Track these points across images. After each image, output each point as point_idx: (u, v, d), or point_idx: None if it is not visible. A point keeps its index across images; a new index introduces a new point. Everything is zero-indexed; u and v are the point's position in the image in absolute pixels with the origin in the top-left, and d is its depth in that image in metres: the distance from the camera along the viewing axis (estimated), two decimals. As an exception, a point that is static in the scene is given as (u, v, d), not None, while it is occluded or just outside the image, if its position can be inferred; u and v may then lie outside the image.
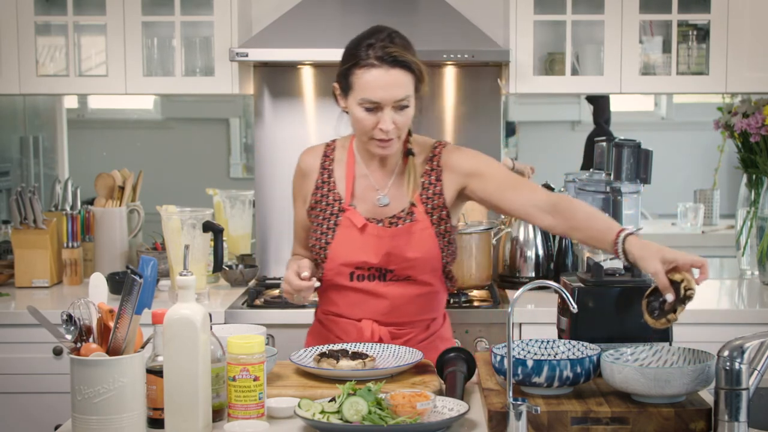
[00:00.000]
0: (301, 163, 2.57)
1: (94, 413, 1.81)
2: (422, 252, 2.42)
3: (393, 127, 2.33)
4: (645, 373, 1.86)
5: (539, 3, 3.48)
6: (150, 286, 1.86)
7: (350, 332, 2.47)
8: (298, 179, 2.57)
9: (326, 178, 2.50)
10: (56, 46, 3.77)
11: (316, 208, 2.50)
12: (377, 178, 2.48)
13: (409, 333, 2.47)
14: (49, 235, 3.57)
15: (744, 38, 3.47)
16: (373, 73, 2.31)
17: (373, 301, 2.44)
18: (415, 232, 2.42)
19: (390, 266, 2.42)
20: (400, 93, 2.33)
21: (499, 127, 3.82)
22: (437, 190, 2.45)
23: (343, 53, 2.41)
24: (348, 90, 2.37)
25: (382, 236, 2.41)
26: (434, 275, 2.47)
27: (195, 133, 6.66)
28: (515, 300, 1.82)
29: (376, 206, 2.46)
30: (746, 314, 3.22)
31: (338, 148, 2.54)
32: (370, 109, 2.33)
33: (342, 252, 2.43)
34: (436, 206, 2.45)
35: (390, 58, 2.32)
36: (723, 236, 5.25)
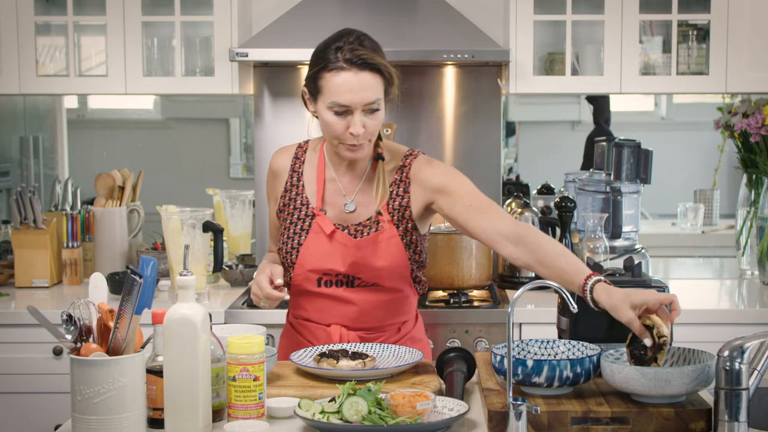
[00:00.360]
0: (273, 163, 2.55)
1: (94, 413, 1.81)
2: (389, 261, 2.40)
3: (363, 130, 2.31)
4: (645, 373, 1.86)
5: (539, 3, 3.48)
6: (150, 286, 1.86)
7: (320, 337, 2.46)
8: (270, 179, 2.56)
9: (295, 181, 2.49)
10: (56, 46, 3.77)
11: (284, 211, 2.49)
12: (345, 183, 2.46)
13: (379, 337, 2.47)
14: (49, 235, 3.57)
15: (744, 38, 3.47)
16: (343, 76, 2.29)
17: (341, 306, 2.43)
18: (381, 242, 2.40)
19: (358, 274, 2.41)
20: (369, 96, 2.30)
21: (499, 127, 3.82)
22: (404, 202, 2.42)
23: (311, 57, 2.39)
24: (317, 94, 2.35)
25: (348, 245, 2.40)
26: (402, 281, 2.45)
27: (195, 133, 6.66)
28: (515, 300, 1.82)
29: (342, 212, 2.44)
30: (746, 314, 3.22)
31: (309, 150, 2.52)
32: (340, 113, 2.31)
33: (311, 258, 2.42)
34: (402, 217, 2.42)
35: (359, 61, 2.29)
36: (723, 236, 5.26)
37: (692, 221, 5.48)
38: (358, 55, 2.29)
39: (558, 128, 6.59)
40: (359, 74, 2.29)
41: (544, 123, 6.55)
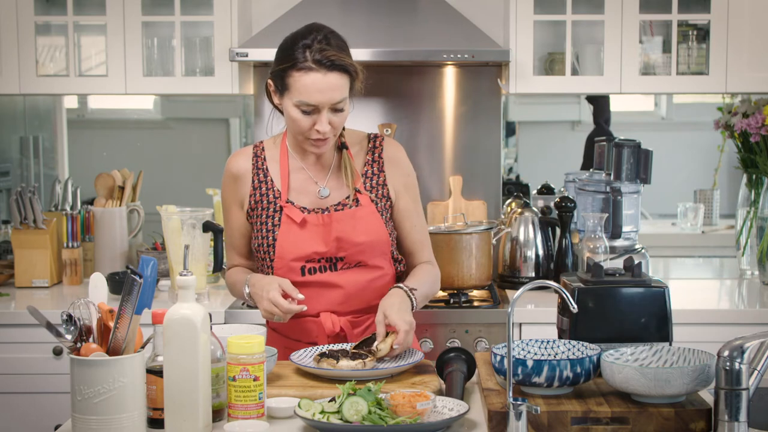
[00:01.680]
0: (232, 168, 2.53)
1: (94, 413, 1.81)
2: (370, 235, 2.43)
3: (329, 128, 2.35)
4: (645, 373, 1.86)
5: (539, 3, 3.48)
6: (150, 286, 1.86)
7: (310, 330, 2.45)
8: (230, 185, 2.53)
9: (263, 178, 2.49)
10: (56, 46, 3.77)
11: (256, 209, 2.49)
12: (315, 171, 2.49)
13: (367, 319, 2.48)
14: (49, 235, 3.57)
15: (744, 38, 3.47)
16: (311, 76, 2.31)
17: (328, 292, 2.44)
18: (361, 217, 2.43)
19: (340, 253, 2.42)
20: (337, 96, 2.33)
21: (499, 127, 3.82)
22: (380, 180, 2.49)
23: (278, 51, 2.41)
24: (284, 90, 2.37)
25: (326, 223, 2.42)
26: (384, 258, 2.48)
27: (195, 133, 6.66)
28: (515, 300, 1.82)
29: (317, 198, 2.47)
30: (746, 314, 3.22)
31: (268, 148, 2.54)
32: (307, 111, 2.34)
33: (288, 248, 2.43)
34: (381, 196, 2.48)
35: (328, 62, 2.31)
36: (723, 236, 5.26)
37: (692, 221, 5.47)
38: (327, 56, 2.32)
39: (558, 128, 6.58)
40: (327, 75, 2.32)
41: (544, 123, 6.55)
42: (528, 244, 3.51)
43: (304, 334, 2.47)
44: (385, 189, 2.49)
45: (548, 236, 3.54)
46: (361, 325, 2.48)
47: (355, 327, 2.47)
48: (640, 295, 2.15)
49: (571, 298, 1.96)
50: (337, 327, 2.43)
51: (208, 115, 6.61)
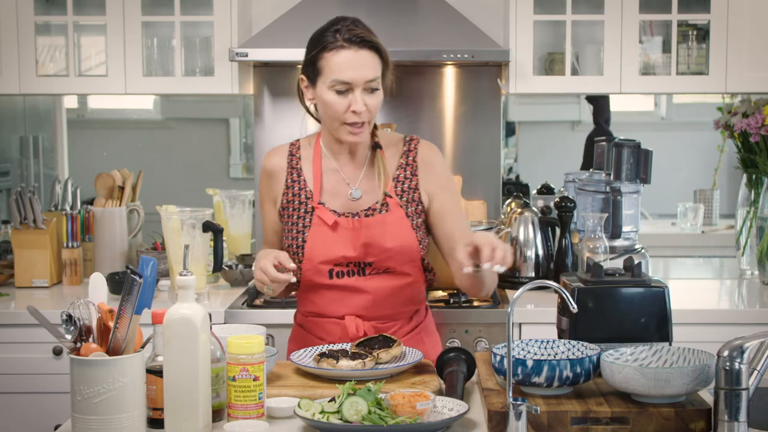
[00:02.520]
0: (267, 165, 2.54)
1: (94, 413, 1.81)
2: (399, 242, 2.41)
3: (365, 108, 2.34)
4: (645, 373, 1.86)
5: (539, 3, 3.48)
6: (150, 286, 1.86)
7: (333, 331, 2.46)
8: (265, 181, 2.55)
9: (296, 177, 2.49)
10: (56, 46, 3.77)
11: (288, 208, 2.49)
12: (348, 172, 2.48)
13: (393, 326, 2.47)
14: (49, 235, 3.57)
15: (744, 38, 3.47)
16: (343, 54, 2.33)
17: (355, 296, 2.43)
18: (390, 223, 2.42)
19: (368, 258, 2.42)
20: (370, 73, 2.34)
21: (499, 127, 3.82)
22: (413, 184, 2.47)
23: (308, 45, 2.42)
24: (317, 76, 2.37)
25: (357, 228, 2.41)
26: (413, 266, 2.46)
27: (195, 133, 6.66)
28: (515, 300, 1.82)
29: (349, 200, 2.46)
30: (746, 314, 3.22)
31: (304, 147, 2.53)
32: (342, 91, 2.34)
33: (318, 250, 2.42)
34: (411, 200, 2.46)
35: (358, 39, 2.34)
36: (723, 236, 5.26)
37: (692, 221, 5.48)
38: (357, 34, 2.34)
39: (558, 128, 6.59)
40: (359, 52, 2.34)
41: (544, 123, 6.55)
42: (528, 244, 3.51)
43: (327, 335, 2.47)
44: (416, 193, 2.46)
45: (548, 236, 3.54)
46: (385, 331, 2.45)
47: (380, 333, 2.44)
48: (640, 295, 2.16)
49: (571, 298, 1.96)
50: (360, 331, 2.43)
51: (208, 115, 6.62)
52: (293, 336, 2.60)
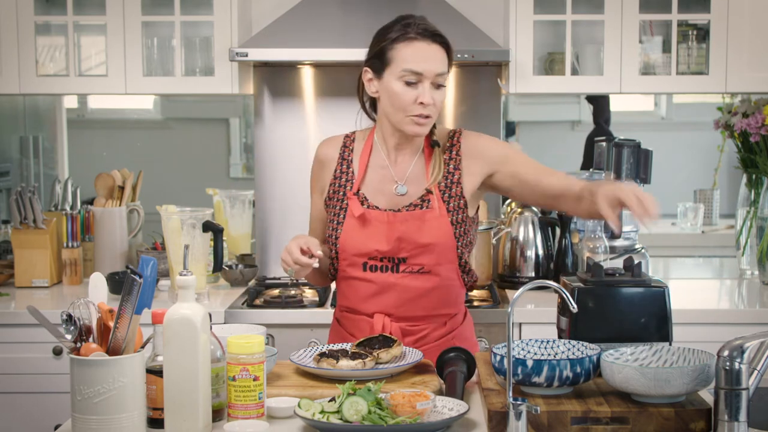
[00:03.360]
0: (319, 153, 2.55)
1: (94, 413, 1.81)
2: (435, 238, 2.39)
3: (432, 102, 2.34)
4: (645, 373, 1.86)
5: (539, 3, 3.48)
6: (150, 286, 1.86)
7: (363, 329, 2.44)
8: (316, 170, 2.56)
9: (345, 168, 2.49)
10: (56, 46, 3.77)
11: (333, 198, 2.49)
12: (398, 168, 2.46)
13: (423, 329, 2.44)
14: (49, 235, 3.57)
15: (744, 38, 3.47)
16: (416, 45, 2.34)
17: (386, 293, 2.42)
18: (429, 219, 2.40)
19: (401, 253, 2.40)
20: (440, 67, 2.35)
21: (499, 127, 3.82)
22: (455, 178, 2.44)
23: (374, 38, 2.42)
24: (385, 66, 2.36)
25: (392, 222, 2.40)
26: (450, 267, 2.43)
27: (195, 133, 6.66)
28: (515, 300, 1.82)
29: (394, 196, 2.44)
30: (746, 314, 3.22)
31: (358, 139, 2.53)
32: (411, 82, 2.33)
33: (350, 242, 2.42)
34: (453, 195, 2.43)
35: (430, 33, 2.36)
36: (723, 236, 5.26)
37: (692, 221, 5.48)
38: (429, 29, 2.37)
39: (558, 128, 6.59)
40: (431, 45, 2.36)
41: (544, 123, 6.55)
42: (528, 243, 3.51)
43: (358, 331, 2.46)
44: (458, 188, 2.44)
45: (548, 236, 3.54)
46: (413, 334, 2.44)
47: (407, 335, 2.43)
48: (640, 295, 2.15)
49: (571, 298, 1.96)
50: (387, 330, 2.41)
51: (208, 115, 6.62)
52: (332, 330, 2.61)
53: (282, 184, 3.80)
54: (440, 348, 2.40)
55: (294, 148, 3.78)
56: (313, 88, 3.77)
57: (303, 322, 3.17)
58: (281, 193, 3.80)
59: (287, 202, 3.79)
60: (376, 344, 2.24)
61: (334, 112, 3.75)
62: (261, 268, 3.77)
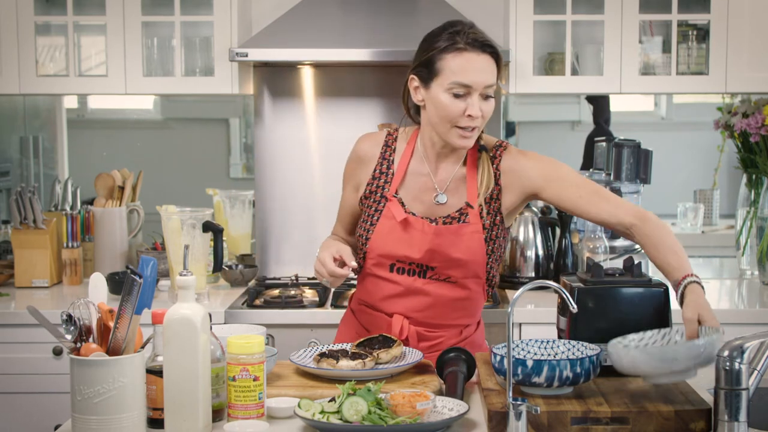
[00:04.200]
0: (359, 149, 2.50)
1: (94, 413, 1.81)
2: (467, 254, 2.37)
3: (480, 114, 2.30)
4: (651, 353, 1.86)
5: (539, 3, 3.48)
6: (150, 286, 1.86)
7: (380, 326, 2.43)
8: (353, 164, 2.51)
9: (385, 169, 2.45)
10: (56, 46, 3.77)
11: (370, 198, 2.45)
12: (439, 176, 2.42)
13: (440, 336, 2.44)
14: (49, 235, 3.57)
15: (744, 38, 3.47)
16: (465, 56, 2.28)
17: (409, 297, 2.41)
18: (464, 234, 2.36)
19: (432, 263, 2.38)
20: (490, 78, 2.30)
21: (499, 127, 3.82)
22: (494, 194, 2.40)
23: (422, 45, 2.37)
24: (432, 77, 2.31)
25: (426, 232, 2.37)
26: (476, 281, 2.42)
27: (195, 133, 6.66)
28: (515, 300, 1.82)
29: (432, 205, 2.41)
30: (746, 314, 3.22)
31: (400, 140, 2.48)
32: (459, 94, 2.28)
33: (381, 243, 2.40)
34: (491, 211, 2.39)
35: (479, 43, 2.30)
36: (723, 236, 5.26)
37: (692, 221, 5.47)
38: (479, 39, 2.30)
39: (558, 128, 6.58)
40: (481, 56, 2.30)
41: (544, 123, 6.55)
42: (528, 244, 3.51)
43: (374, 327, 2.45)
44: (496, 204, 2.40)
45: (548, 236, 3.54)
46: (430, 340, 2.43)
47: (422, 340, 2.42)
48: (640, 295, 2.16)
49: (571, 298, 1.96)
50: (404, 334, 2.40)
51: (208, 115, 6.62)
52: (344, 319, 2.60)
53: (282, 184, 3.80)
54: None
55: (294, 148, 3.78)
56: (313, 88, 3.77)
57: (303, 322, 3.17)
58: (281, 193, 3.80)
59: (287, 202, 3.79)
60: (375, 344, 2.25)
61: (334, 113, 3.75)
62: (261, 268, 3.77)
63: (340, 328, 2.61)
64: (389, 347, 2.22)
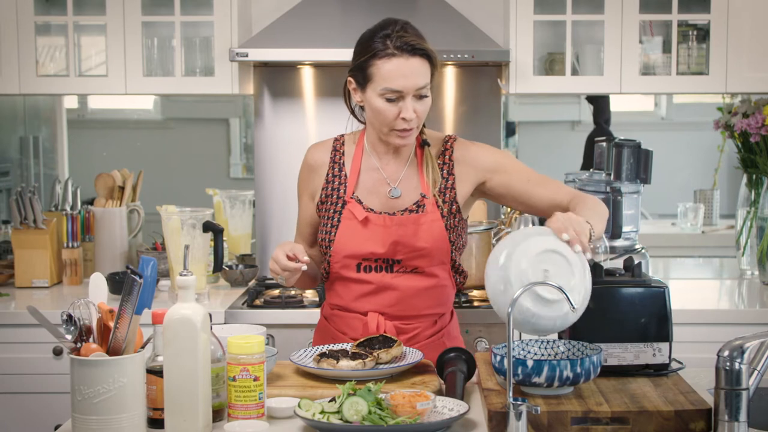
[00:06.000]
0: (309, 158, 2.55)
1: (94, 413, 1.81)
2: (431, 242, 2.41)
3: (415, 116, 2.34)
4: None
5: (539, 3, 3.48)
6: (150, 286, 1.86)
7: (356, 327, 2.45)
8: (305, 174, 2.56)
9: (337, 172, 2.50)
10: (56, 46, 3.77)
11: (326, 202, 2.49)
12: (389, 171, 2.47)
13: (416, 328, 2.46)
14: (49, 235, 3.57)
15: (744, 38, 3.47)
16: (394, 62, 2.32)
17: (380, 293, 2.43)
18: (424, 223, 2.41)
19: (397, 256, 2.41)
20: (420, 81, 2.33)
21: (499, 127, 3.82)
22: (449, 184, 2.46)
23: (356, 47, 2.42)
24: (366, 82, 2.36)
25: (388, 225, 2.41)
26: (443, 268, 2.46)
27: (195, 133, 6.66)
28: (515, 299, 1.82)
29: (388, 199, 2.45)
30: (746, 314, 3.22)
31: (347, 143, 2.54)
32: (392, 99, 2.33)
33: (347, 244, 2.43)
34: (447, 200, 2.45)
35: (408, 47, 2.32)
36: (723, 236, 5.26)
37: (692, 221, 5.48)
38: (408, 42, 2.33)
39: (558, 128, 6.59)
40: (410, 60, 2.32)
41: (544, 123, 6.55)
42: (528, 244, 3.50)
43: (349, 329, 2.47)
44: (452, 193, 2.45)
45: (548, 236, 3.53)
46: (408, 332, 2.45)
47: (401, 333, 2.44)
48: (640, 295, 2.16)
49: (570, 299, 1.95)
50: (381, 329, 2.42)
51: (208, 115, 6.62)
52: (318, 327, 2.61)
53: (282, 184, 3.80)
54: (431, 346, 2.43)
55: (294, 148, 3.77)
56: (313, 89, 3.77)
57: (303, 322, 3.17)
58: (281, 193, 3.80)
59: (287, 202, 3.79)
60: (376, 344, 2.25)
61: (333, 112, 3.75)
62: (261, 268, 3.77)
63: (315, 337, 2.62)
64: (389, 347, 2.22)
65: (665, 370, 2.14)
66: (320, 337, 2.57)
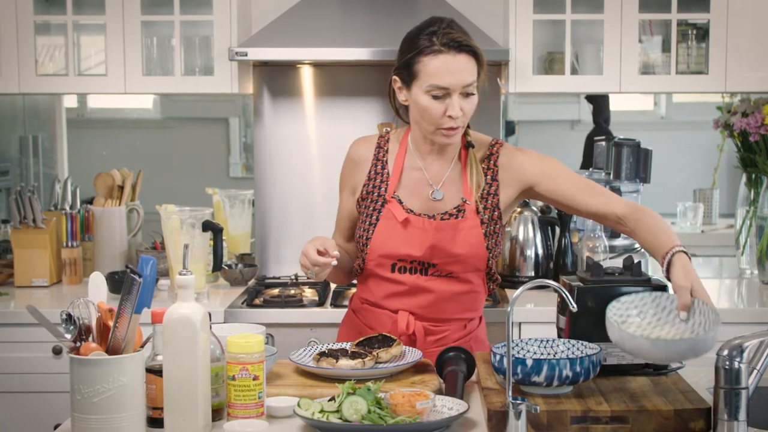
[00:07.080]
0: (353, 153, 2.53)
1: (93, 413, 1.81)
2: (468, 249, 2.38)
3: (461, 113, 2.32)
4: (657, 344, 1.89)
5: (539, 2, 3.48)
6: (149, 285, 1.86)
7: (384, 323, 2.44)
8: (348, 168, 2.53)
9: (380, 169, 2.48)
10: (56, 46, 3.77)
11: (367, 199, 2.47)
12: (432, 172, 2.45)
13: (445, 330, 2.45)
14: (49, 235, 3.57)
15: (744, 38, 3.47)
16: (441, 59, 2.30)
17: (413, 294, 2.41)
18: (462, 229, 2.39)
19: (433, 260, 2.39)
20: (467, 78, 2.31)
21: (498, 127, 3.82)
22: (492, 189, 2.43)
23: (402, 45, 2.40)
24: (412, 80, 2.34)
25: (427, 229, 2.38)
26: (477, 275, 2.44)
27: (195, 132, 6.66)
28: (515, 299, 1.82)
29: (429, 200, 2.43)
30: (746, 314, 3.22)
31: (392, 141, 2.51)
32: (438, 96, 2.31)
33: (384, 244, 2.41)
34: (488, 206, 2.42)
35: (455, 44, 2.31)
36: (722, 236, 5.26)
37: (692, 220, 5.48)
38: (454, 39, 2.32)
39: (558, 128, 6.59)
40: (457, 57, 2.31)
41: (543, 122, 6.55)
42: (527, 243, 3.51)
43: (378, 325, 2.46)
44: (494, 199, 2.42)
45: (548, 235, 3.54)
46: (436, 334, 2.44)
47: (429, 335, 2.43)
48: (640, 294, 2.15)
49: (571, 297, 1.96)
50: (411, 329, 2.41)
51: (208, 115, 6.62)
52: (345, 320, 2.60)
53: (282, 183, 3.80)
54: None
55: (294, 147, 3.78)
56: (312, 88, 3.77)
57: (303, 322, 3.17)
58: (281, 192, 3.80)
59: (287, 202, 3.80)
60: (375, 344, 2.25)
61: (333, 112, 3.75)
62: (261, 267, 3.77)
63: (341, 329, 2.61)
64: (389, 346, 2.22)
65: (665, 370, 2.14)
66: (347, 330, 2.56)
